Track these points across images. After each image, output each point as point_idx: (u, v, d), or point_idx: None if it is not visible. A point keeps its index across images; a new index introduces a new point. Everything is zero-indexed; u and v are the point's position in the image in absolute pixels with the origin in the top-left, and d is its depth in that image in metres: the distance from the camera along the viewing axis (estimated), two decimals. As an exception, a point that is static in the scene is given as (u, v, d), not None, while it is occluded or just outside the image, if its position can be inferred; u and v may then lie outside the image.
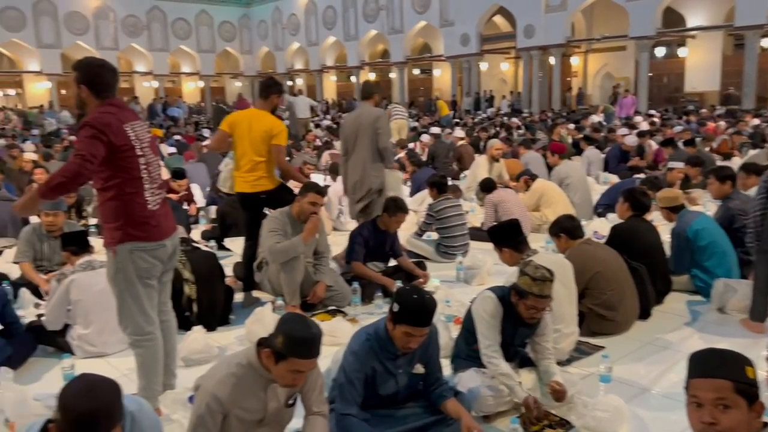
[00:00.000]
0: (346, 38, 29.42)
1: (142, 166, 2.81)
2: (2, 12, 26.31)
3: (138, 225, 2.81)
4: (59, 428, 1.72)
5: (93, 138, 2.63)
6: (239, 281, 5.12)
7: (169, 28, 31.27)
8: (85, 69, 2.81)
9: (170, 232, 2.98)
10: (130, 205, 2.79)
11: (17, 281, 4.89)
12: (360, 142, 5.14)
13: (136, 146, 2.78)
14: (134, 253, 2.82)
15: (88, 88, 2.79)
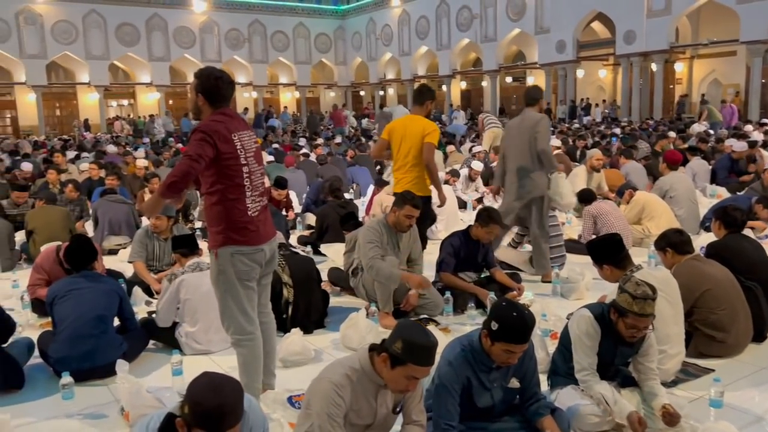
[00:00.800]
0: (438, 47, 29.48)
1: (245, 174, 2.93)
2: (119, 28, 28.33)
3: (238, 229, 2.94)
4: (186, 422, 1.83)
5: (202, 141, 2.80)
6: (335, 286, 5.25)
7: (268, 41, 32.55)
8: (204, 79, 2.97)
9: (269, 237, 3.08)
10: (231, 210, 2.92)
11: (131, 279, 5.22)
12: (522, 148, 5.15)
13: (241, 155, 2.91)
14: (234, 257, 2.95)
15: (205, 97, 2.96)
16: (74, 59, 27.84)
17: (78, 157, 13.44)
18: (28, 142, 18.22)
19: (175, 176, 2.77)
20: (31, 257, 6.27)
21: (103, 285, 3.81)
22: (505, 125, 9.91)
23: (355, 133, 21.42)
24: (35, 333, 4.11)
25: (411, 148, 4.83)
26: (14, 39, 26.06)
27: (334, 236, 6.51)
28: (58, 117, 31.02)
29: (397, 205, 4.44)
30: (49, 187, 8.59)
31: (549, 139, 5.41)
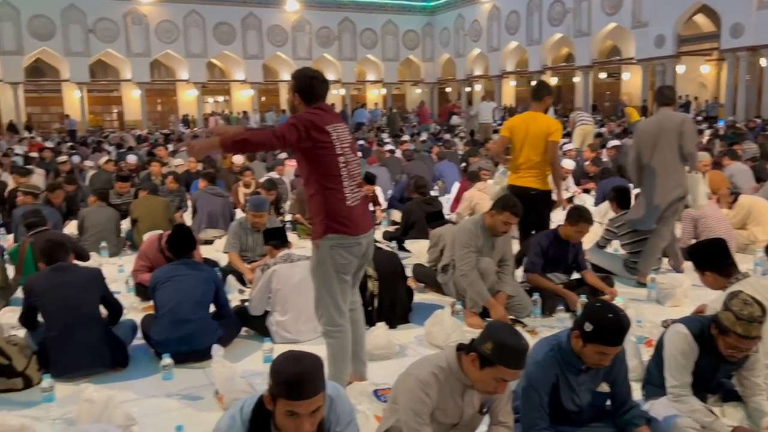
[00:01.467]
0: (528, 43, 28.83)
1: (341, 165, 3.00)
2: (216, 27, 29.58)
3: (337, 220, 3.00)
4: (271, 394, 1.92)
5: (292, 125, 2.91)
6: (419, 282, 5.26)
7: (357, 38, 32.99)
8: (300, 79, 3.09)
9: (366, 229, 3.13)
10: (331, 200, 3.00)
11: (225, 268, 5.45)
12: (663, 148, 5.03)
13: (336, 145, 2.99)
14: (333, 249, 3.02)
15: (301, 97, 3.08)
16: (175, 57, 29.34)
17: (176, 150, 14.16)
18: (131, 136, 19.38)
19: (251, 137, 2.89)
20: (135, 244, 6.66)
21: (201, 273, 4.00)
22: (605, 124, 9.52)
23: (440, 130, 21.33)
24: (138, 315, 4.37)
25: (534, 146, 4.92)
26: (122, 38, 27.78)
27: (418, 233, 6.52)
28: (159, 112, 32.85)
29: (496, 209, 4.34)
30: (152, 178, 9.10)
31: (696, 140, 5.28)
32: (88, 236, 6.44)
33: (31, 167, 9.90)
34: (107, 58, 28.70)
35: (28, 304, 3.74)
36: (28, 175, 8.40)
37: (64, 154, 12.46)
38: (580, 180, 9.49)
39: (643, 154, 5.14)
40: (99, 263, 6.04)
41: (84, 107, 27.99)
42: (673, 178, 5.03)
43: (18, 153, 13.69)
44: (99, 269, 4.03)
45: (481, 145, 13.00)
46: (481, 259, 4.37)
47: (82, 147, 15.71)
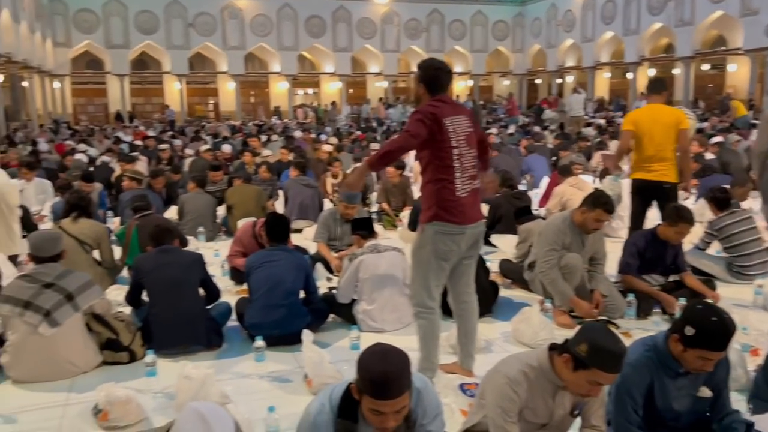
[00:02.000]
0: (625, 33, 27.58)
1: (454, 157, 3.09)
2: (308, 20, 30.25)
3: (445, 208, 3.11)
4: (358, 387, 1.95)
5: (419, 121, 3.04)
6: (506, 278, 5.18)
7: (446, 30, 32.74)
8: (426, 70, 3.21)
9: (474, 220, 3.20)
10: (441, 190, 3.11)
11: (314, 256, 5.58)
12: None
13: (452, 138, 3.08)
14: (437, 235, 3.12)
15: (425, 86, 3.19)
16: (268, 50, 30.25)
17: (269, 140, 14.63)
18: (225, 127, 20.19)
19: (392, 147, 3.08)
20: (230, 230, 6.96)
21: (293, 259, 4.13)
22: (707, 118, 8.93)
23: (528, 122, 20.83)
24: (232, 298, 4.55)
25: (665, 136, 4.92)
26: (219, 32, 28.96)
27: (505, 227, 6.41)
28: (252, 104, 34.00)
29: (587, 206, 4.19)
30: (246, 167, 9.44)
31: None
32: (186, 221, 6.78)
33: (135, 154, 10.52)
34: (205, 51, 29.99)
35: (135, 281, 4.00)
36: (133, 162, 8.94)
37: (166, 143, 13.17)
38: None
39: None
40: (196, 247, 6.35)
41: (183, 98, 29.43)
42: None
43: (124, 141, 14.59)
44: (200, 254, 4.24)
45: (574, 140, 12.57)
46: (567, 254, 4.24)
47: (181, 136, 16.52)
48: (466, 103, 26.63)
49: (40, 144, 12.95)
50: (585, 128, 16.47)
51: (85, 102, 31.39)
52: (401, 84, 35.88)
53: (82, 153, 11.16)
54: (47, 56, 25.47)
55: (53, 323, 3.42)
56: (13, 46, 19.71)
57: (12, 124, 20.33)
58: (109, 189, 8.58)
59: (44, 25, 25.31)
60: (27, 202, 7.45)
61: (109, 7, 27.21)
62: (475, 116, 16.45)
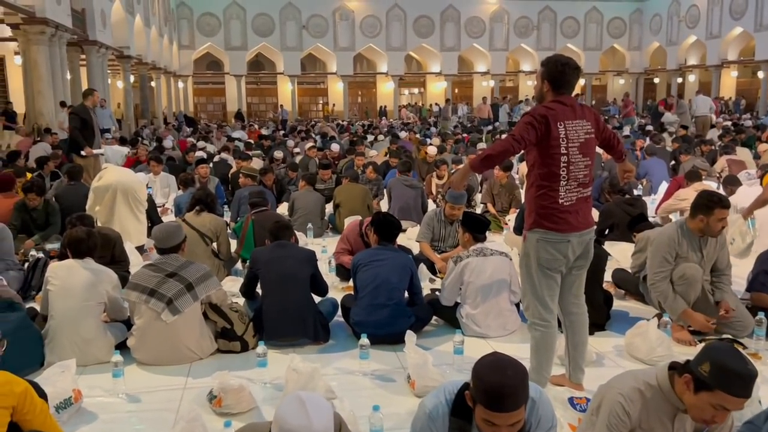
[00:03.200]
0: (756, 28, 25.48)
1: (562, 164, 2.94)
2: (416, 21, 30.44)
3: (547, 215, 2.98)
4: (472, 396, 1.93)
5: (528, 124, 2.91)
6: (619, 289, 4.94)
7: (557, 28, 31.79)
8: (551, 66, 3.03)
9: (579, 228, 3.03)
10: (544, 196, 2.98)
11: (417, 257, 5.57)
12: None
13: (562, 144, 2.93)
14: (539, 243, 3.01)
15: (550, 84, 3.04)
16: (376, 51, 30.76)
17: (375, 140, 14.86)
18: (331, 127, 20.68)
19: (494, 150, 2.99)
20: (337, 227, 7.12)
21: (399, 259, 4.15)
22: None
23: (645, 123, 19.75)
24: (338, 294, 4.65)
25: None
26: (330, 34, 29.80)
27: (620, 235, 6.11)
28: (359, 104, 34.70)
29: (702, 212, 3.88)
30: (354, 167, 9.62)
31: None
32: (297, 217, 7.01)
33: (251, 153, 11.02)
34: (316, 52, 30.98)
35: (251, 272, 4.18)
36: (249, 160, 9.36)
37: (279, 143, 13.72)
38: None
39: None
40: (305, 243, 6.56)
41: (294, 98, 30.53)
42: None
43: (239, 139, 15.34)
44: (313, 251, 4.37)
45: (696, 143, 11.76)
46: (684, 264, 3.94)
47: (292, 134, 17.14)
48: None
49: (165, 141, 13.88)
50: (710, 130, 15.38)
51: (205, 101, 33.42)
52: (509, 83, 35.23)
53: (201, 150, 11.83)
54: (173, 58, 27.33)
55: (174, 311, 3.65)
56: (144, 49, 21.31)
57: (141, 122, 21.99)
58: (226, 184, 9.05)
59: (171, 29, 27.20)
60: (154, 195, 8.02)
61: (230, 10, 28.74)
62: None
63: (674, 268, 3.95)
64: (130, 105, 21.03)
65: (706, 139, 12.72)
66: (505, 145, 2.94)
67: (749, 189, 6.61)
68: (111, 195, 6.03)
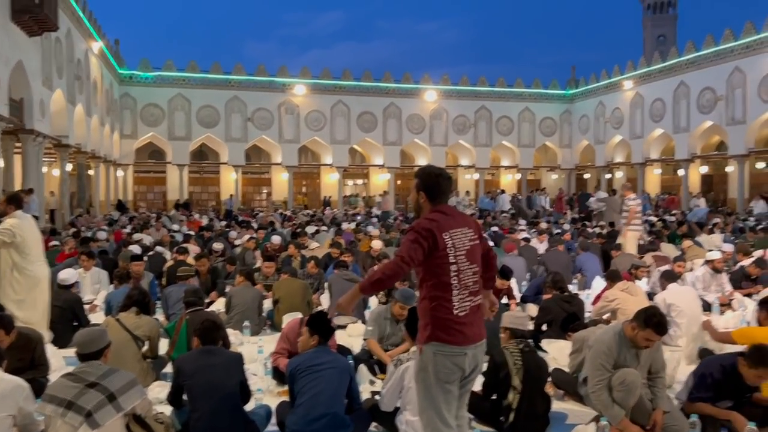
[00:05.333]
0: (675, 130, 27.57)
1: (452, 273, 2.93)
2: (360, 116, 31.46)
3: (443, 327, 2.92)
4: None
5: (414, 242, 2.89)
6: (558, 389, 4.93)
7: (493, 125, 33.47)
8: (426, 178, 3.09)
9: (476, 340, 2.99)
10: (438, 307, 2.94)
11: (357, 357, 5.46)
12: None
13: (450, 253, 2.93)
14: (437, 356, 2.93)
15: (426, 195, 3.08)
16: (321, 143, 31.41)
17: (317, 231, 14.83)
18: (276, 216, 20.62)
19: (383, 274, 2.87)
20: (276, 324, 6.93)
21: (338, 363, 4.02)
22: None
23: (582, 217, 20.58)
24: (273, 400, 4.46)
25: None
26: (275, 126, 30.33)
27: (557, 332, 6.19)
28: (303, 194, 35.00)
29: (638, 322, 3.93)
30: (292, 261, 9.52)
31: None
32: (233, 314, 6.80)
33: (187, 246, 10.74)
34: (261, 144, 31.35)
35: (176, 383, 3.95)
36: (186, 254, 9.12)
37: (219, 234, 13.51)
38: (740, 283, 8.62)
39: None
40: (241, 341, 6.34)
41: (238, 187, 30.50)
42: None
43: (177, 231, 15.02)
44: (241, 355, 4.20)
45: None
46: (624, 370, 3.98)
47: (235, 225, 16.95)
48: (515, 198, 26.65)
49: (98, 233, 13.45)
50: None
51: (145, 189, 32.93)
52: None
53: (137, 243, 11.50)
54: (114, 147, 27.05)
55: (93, 424, 3.38)
56: (84, 137, 21.04)
57: (76, 210, 21.34)
58: (161, 279, 8.76)
59: (114, 118, 27.09)
60: (82, 292, 7.66)
61: (175, 102, 28.97)
62: (520, 212, 16.28)
63: (613, 375, 3.97)
64: (65, 194, 20.47)
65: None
66: (394, 268, 2.86)
67: (681, 288, 6.78)
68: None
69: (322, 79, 31.04)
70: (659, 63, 28.63)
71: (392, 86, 31.97)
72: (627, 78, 30.35)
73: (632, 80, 30.03)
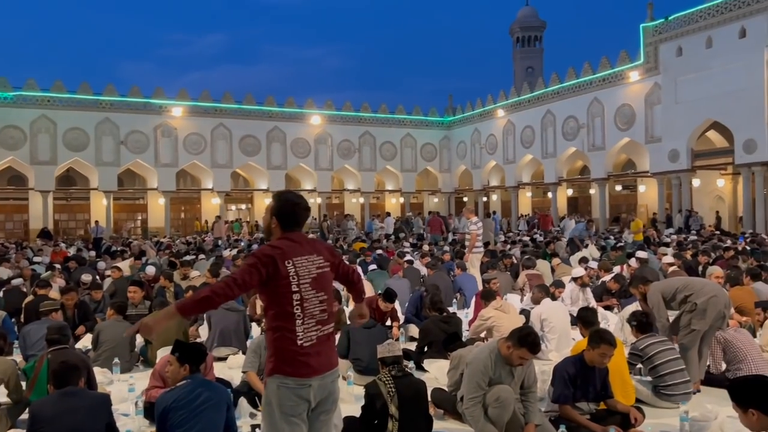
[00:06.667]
0: (543, 156, 29.56)
1: (295, 302, 2.82)
2: (242, 140, 30.87)
3: (286, 359, 2.82)
4: None
5: (251, 266, 2.79)
6: (438, 408, 5.03)
7: (377, 150, 34.15)
8: (282, 205, 2.99)
9: (323, 371, 2.88)
10: (281, 338, 2.83)
11: (237, 389, 5.27)
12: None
13: (293, 282, 2.83)
14: (280, 389, 2.82)
15: (278, 221, 2.99)
16: (201, 167, 30.42)
17: (196, 259, 14.25)
18: (150, 245, 19.54)
19: (211, 293, 2.73)
20: (149, 360, 6.55)
21: (217, 396, 3.82)
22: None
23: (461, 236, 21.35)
24: (146, 441, 4.19)
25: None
26: (151, 149, 29.00)
27: (437, 352, 6.33)
28: (182, 219, 33.63)
29: (513, 341, 4.13)
30: (165, 291, 9.05)
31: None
32: (102, 351, 6.34)
33: (49, 278, 9.94)
34: (136, 168, 29.83)
35: (32, 431, 3.60)
36: (47, 287, 8.42)
37: (88, 264, 12.60)
38: (602, 297, 9.31)
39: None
40: (110, 379, 5.93)
41: (110, 214, 28.71)
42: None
43: (38, 261, 13.85)
44: (107, 396, 3.92)
45: (500, 257, 12.87)
46: (497, 387, 4.16)
47: (105, 255, 15.92)
48: (400, 221, 27.14)
49: (-53, 266, 12.11)
50: (512, 247, 16.98)
51: (3, 218, 30.14)
52: (335, 200, 36.56)
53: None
54: (-34, 172, 24.61)
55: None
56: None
57: None
58: (18, 315, 8.02)
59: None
60: None
61: (38, 124, 26.90)
62: (397, 233, 16.49)
63: (488, 392, 4.13)
64: None
65: (508, 253, 13.99)
66: (224, 289, 2.73)
67: (553, 303, 7.23)
68: None
69: (202, 101, 30.24)
70: (528, 93, 30.72)
71: (276, 110, 31.78)
72: (500, 106, 32.29)
73: (504, 109, 31.96)
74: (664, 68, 23.21)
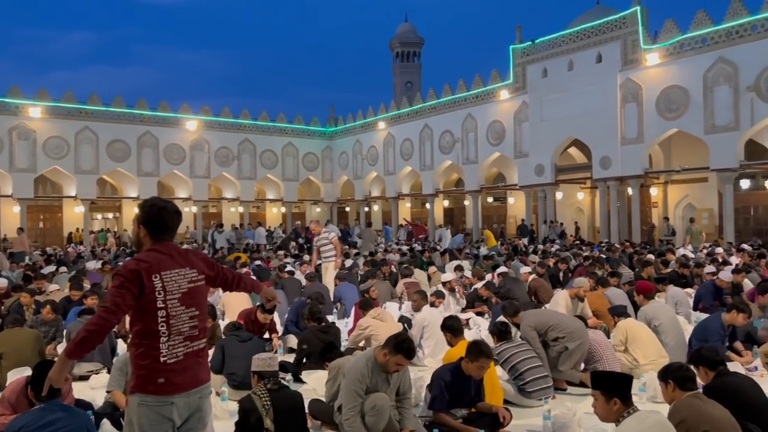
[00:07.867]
0: (421, 168, 30.47)
1: (160, 318, 2.70)
2: (110, 145, 29.01)
3: (147, 377, 2.70)
4: None
5: (121, 288, 2.65)
6: (315, 419, 4.99)
7: (257, 159, 33.46)
8: (147, 211, 2.84)
9: (187, 388, 2.77)
10: (142, 354, 2.71)
11: (99, 411, 4.93)
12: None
13: (159, 297, 2.70)
14: (140, 407, 2.70)
15: (147, 229, 2.84)
16: (63, 173, 28.23)
17: (57, 271, 13.20)
18: (3, 256, 17.85)
19: (88, 332, 2.57)
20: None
21: (74, 421, 3.56)
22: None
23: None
24: (-9, 474, 3.80)
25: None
26: (5, 153, 26.50)
27: (316, 362, 6.30)
28: (41, 229, 31.01)
29: (389, 348, 4.20)
30: (22, 308, 8.29)
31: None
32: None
33: None
34: (-14, 173, 27.14)
35: None
36: None
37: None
38: (474, 303, 9.71)
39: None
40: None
41: (-47, 223, 25.89)
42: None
43: None
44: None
45: (379, 265, 13.06)
46: (374, 395, 4.21)
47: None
48: (246, 232, 26.40)
49: None
50: (391, 254, 17.32)
51: None
52: (212, 209, 35.38)
53: None
54: None
55: None
56: None
57: None
58: None
59: None
60: None
61: None
62: (284, 244, 16.25)
63: (365, 400, 4.15)
64: None
65: (386, 261, 14.25)
66: (100, 322, 2.59)
67: (431, 309, 7.47)
68: None
69: (65, 102, 28.10)
70: (407, 107, 31.60)
71: (148, 113, 30.18)
72: (380, 119, 32.92)
73: (385, 121, 32.63)
74: (531, 88, 24.81)
